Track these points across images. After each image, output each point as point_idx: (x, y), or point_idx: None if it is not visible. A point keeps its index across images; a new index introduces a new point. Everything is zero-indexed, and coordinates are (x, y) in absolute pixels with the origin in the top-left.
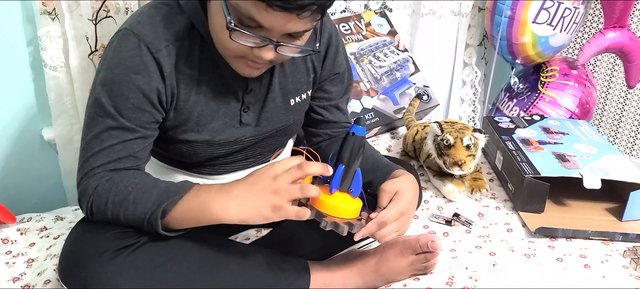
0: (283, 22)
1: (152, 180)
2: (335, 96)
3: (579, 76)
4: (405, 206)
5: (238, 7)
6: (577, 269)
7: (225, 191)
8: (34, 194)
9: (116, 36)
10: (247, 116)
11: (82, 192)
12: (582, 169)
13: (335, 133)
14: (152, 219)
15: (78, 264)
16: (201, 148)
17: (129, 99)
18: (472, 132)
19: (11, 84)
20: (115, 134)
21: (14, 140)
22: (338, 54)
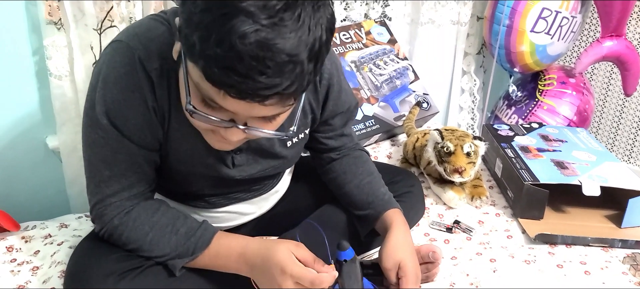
0: (246, 108)
1: (170, 219)
2: (340, 126)
3: (577, 84)
4: (414, 273)
5: (200, 87)
6: (577, 276)
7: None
8: (37, 201)
9: (110, 47)
10: (239, 157)
11: (98, 217)
12: (581, 176)
13: (338, 155)
14: (170, 265)
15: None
16: (194, 180)
17: (130, 119)
18: (472, 140)
19: (17, 92)
20: (122, 158)
21: (18, 148)
22: (341, 93)
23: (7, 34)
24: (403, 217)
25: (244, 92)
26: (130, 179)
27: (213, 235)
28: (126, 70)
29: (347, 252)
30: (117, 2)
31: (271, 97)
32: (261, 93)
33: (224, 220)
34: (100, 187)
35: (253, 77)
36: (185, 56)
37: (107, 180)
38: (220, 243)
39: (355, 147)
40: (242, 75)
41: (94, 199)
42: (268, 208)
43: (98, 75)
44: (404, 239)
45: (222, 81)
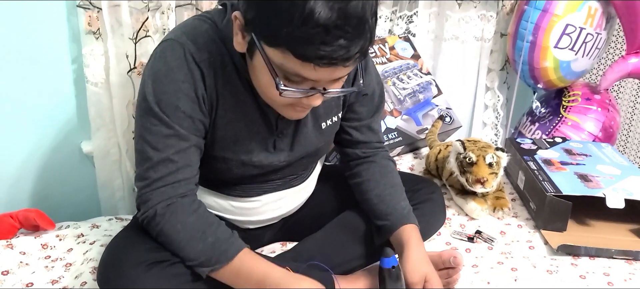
0: (330, 73)
1: (203, 224)
2: (366, 116)
3: (602, 101)
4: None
5: (284, 67)
6: (599, 286)
7: None
8: (71, 204)
9: (160, 46)
10: (280, 141)
11: (143, 202)
12: (605, 189)
13: (365, 153)
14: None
15: (116, 273)
16: (236, 167)
17: (180, 108)
18: (494, 151)
19: (56, 98)
20: (171, 143)
21: (56, 152)
22: (366, 75)
23: (49, 42)
24: (419, 234)
25: (333, 59)
26: (177, 164)
27: (238, 251)
28: (177, 63)
29: (390, 259)
30: (151, 14)
31: (354, 57)
32: (347, 55)
33: (255, 213)
34: (149, 172)
35: (340, 44)
36: (261, 44)
37: (155, 165)
38: (243, 261)
39: (383, 151)
40: (330, 44)
41: (141, 185)
42: (296, 206)
43: (150, 70)
44: (424, 254)
45: (314, 55)
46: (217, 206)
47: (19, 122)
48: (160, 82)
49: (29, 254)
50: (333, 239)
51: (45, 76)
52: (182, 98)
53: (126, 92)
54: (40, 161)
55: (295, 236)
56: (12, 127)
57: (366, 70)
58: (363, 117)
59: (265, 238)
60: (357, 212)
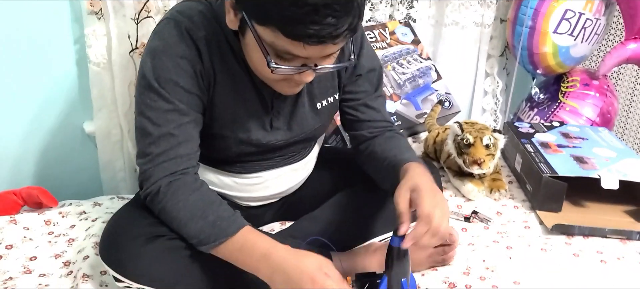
0: (320, 50)
1: (204, 203)
2: (363, 96)
3: (600, 86)
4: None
5: (275, 45)
6: (593, 265)
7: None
8: (74, 184)
9: (158, 26)
10: (277, 121)
11: (145, 179)
12: (600, 170)
13: (372, 133)
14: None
15: (117, 246)
16: (234, 145)
17: (179, 83)
18: (491, 133)
19: (58, 79)
20: (172, 118)
21: (58, 132)
22: (361, 56)
23: (51, 23)
24: (424, 167)
25: (322, 37)
26: (178, 139)
27: (239, 228)
28: (175, 40)
29: (399, 239)
30: None
31: (343, 34)
32: (335, 33)
33: (255, 189)
34: (150, 147)
35: (328, 22)
36: (251, 23)
37: (156, 140)
38: (246, 237)
39: (389, 127)
40: (319, 23)
41: (142, 161)
42: (295, 184)
43: (148, 48)
44: (422, 174)
45: (304, 34)
46: (219, 183)
47: (21, 102)
48: (159, 58)
49: (32, 229)
50: (331, 217)
51: (47, 56)
52: (180, 74)
53: (128, 73)
54: (42, 141)
55: (295, 216)
56: (14, 107)
57: (361, 51)
58: (360, 97)
59: (266, 218)
60: (355, 192)
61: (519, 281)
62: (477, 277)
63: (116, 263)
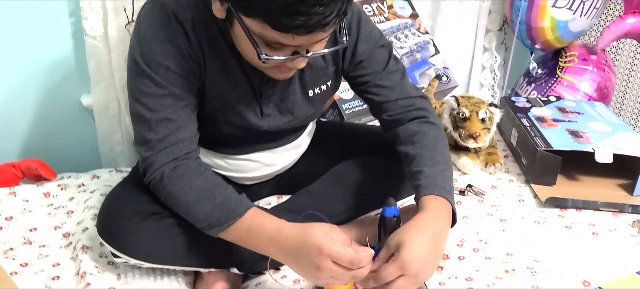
0: (309, 39)
1: (211, 186)
2: (371, 77)
3: (598, 61)
4: (405, 264)
5: (263, 36)
6: (585, 236)
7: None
8: (72, 157)
9: (143, 9)
10: (267, 107)
11: (148, 167)
12: (595, 144)
13: (392, 116)
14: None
15: (114, 223)
16: (225, 128)
17: (170, 68)
18: (487, 107)
19: (55, 52)
20: (167, 103)
21: (55, 105)
22: (358, 42)
23: None
24: (440, 203)
25: (311, 27)
26: (176, 123)
27: (247, 209)
28: (162, 24)
29: (392, 208)
30: None
31: (332, 21)
32: (324, 21)
33: (248, 169)
34: (148, 134)
35: (316, 12)
36: (238, 14)
37: (155, 126)
38: (255, 219)
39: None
40: (306, 14)
41: (143, 149)
42: (289, 163)
43: (136, 33)
44: (424, 223)
45: (291, 25)
46: (211, 163)
47: (18, 76)
48: (147, 43)
49: (31, 201)
50: (326, 191)
51: (43, 29)
52: (170, 58)
53: (124, 46)
54: (40, 114)
55: (292, 190)
56: (11, 80)
57: (358, 36)
58: (369, 80)
59: (263, 193)
60: (350, 166)
61: (511, 252)
62: (470, 249)
63: (114, 240)
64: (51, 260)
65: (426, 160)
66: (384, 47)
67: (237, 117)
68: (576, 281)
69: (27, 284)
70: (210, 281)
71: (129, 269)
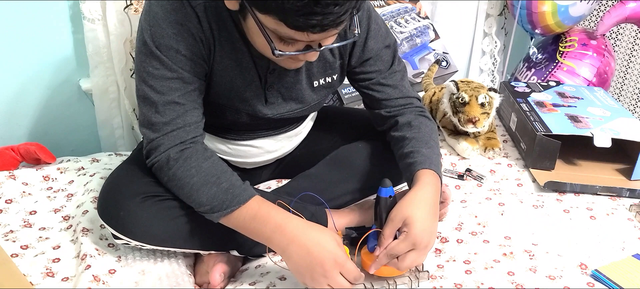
0: (323, 35)
1: (218, 171)
2: (376, 75)
3: (598, 46)
4: (417, 239)
5: (278, 32)
6: (582, 220)
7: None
8: (71, 141)
9: None
10: (271, 94)
11: (153, 149)
12: (594, 129)
13: (390, 113)
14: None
15: (115, 204)
16: (230, 114)
17: (181, 51)
18: (487, 91)
19: (53, 35)
20: (176, 86)
21: (54, 89)
22: (368, 39)
23: None
24: (435, 179)
25: (325, 25)
26: (184, 107)
27: (251, 196)
28: (173, 6)
29: (387, 189)
30: None
31: (346, 18)
32: (339, 20)
33: (250, 155)
34: (156, 117)
35: (331, 11)
36: (252, 9)
37: (162, 109)
38: (260, 206)
39: (411, 108)
40: (322, 14)
41: (149, 132)
42: (290, 149)
43: (146, 14)
44: (418, 197)
45: (306, 25)
46: (213, 148)
47: (16, 59)
48: (159, 26)
49: (31, 184)
50: (326, 175)
51: (41, 12)
52: (181, 41)
53: (123, 30)
54: (39, 98)
55: (292, 174)
56: (9, 64)
57: (368, 34)
58: (373, 77)
59: (263, 177)
60: (350, 149)
61: (509, 236)
62: (469, 232)
63: (115, 221)
64: (51, 242)
65: (423, 143)
66: (389, 47)
67: (242, 103)
68: (573, 264)
69: (28, 266)
70: (211, 263)
71: (129, 251)
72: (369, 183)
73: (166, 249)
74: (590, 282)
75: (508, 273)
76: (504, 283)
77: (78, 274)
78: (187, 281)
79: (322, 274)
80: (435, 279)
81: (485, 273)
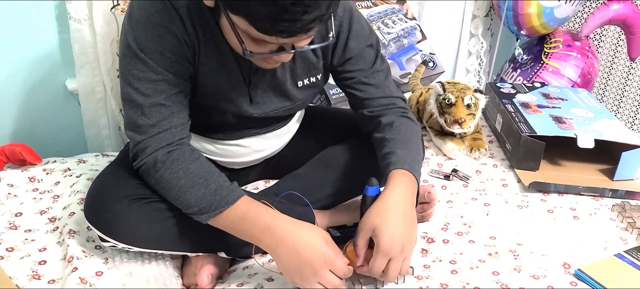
0: (293, 40)
1: (205, 172)
2: (358, 74)
3: (582, 47)
4: (387, 249)
5: (249, 32)
6: (566, 220)
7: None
8: (58, 141)
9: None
10: (256, 94)
11: (140, 151)
12: (577, 130)
13: (372, 113)
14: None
15: (102, 207)
16: (216, 114)
17: (165, 53)
18: (473, 93)
19: (39, 35)
20: (161, 88)
21: (40, 89)
22: (350, 39)
23: None
24: (408, 179)
25: (294, 32)
26: (170, 109)
27: (240, 197)
28: (157, 9)
29: (374, 188)
30: None
31: (315, 26)
32: (307, 27)
33: (238, 155)
34: (141, 119)
35: (299, 19)
36: (225, 10)
37: (147, 111)
38: (248, 207)
39: (391, 105)
40: (289, 20)
41: (134, 134)
42: (278, 148)
43: (129, 17)
44: (391, 201)
45: (275, 30)
46: (200, 148)
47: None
48: (143, 28)
49: (16, 186)
50: (313, 175)
51: (26, 12)
52: (165, 43)
53: (110, 30)
54: (25, 98)
55: (280, 174)
56: None
57: (349, 34)
58: (355, 76)
59: (250, 177)
60: (337, 150)
61: (495, 236)
62: (455, 232)
63: (102, 224)
64: (37, 244)
65: (400, 144)
66: (372, 47)
67: (227, 103)
68: (557, 264)
69: (14, 269)
70: (198, 265)
71: (116, 253)
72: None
73: (154, 252)
74: (573, 281)
75: (493, 272)
76: (489, 283)
77: (65, 276)
78: (175, 283)
79: (312, 274)
80: (421, 280)
81: (470, 272)
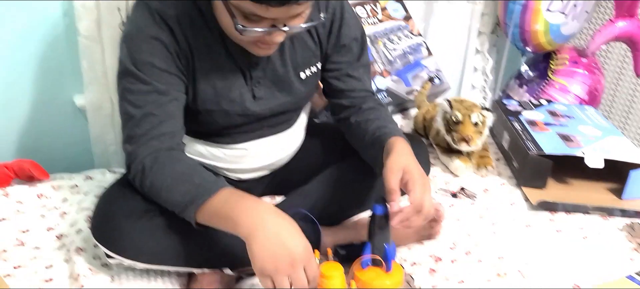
0: (285, 11)
1: (189, 168)
2: (345, 66)
3: (589, 64)
4: (420, 176)
5: (241, 7)
6: (575, 240)
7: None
8: (65, 158)
9: (132, 9)
10: (258, 90)
11: (131, 161)
12: (585, 148)
13: (351, 103)
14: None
15: (109, 224)
16: (220, 118)
17: (155, 64)
18: (480, 110)
19: (48, 51)
20: (151, 99)
21: (48, 105)
22: (343, 26)
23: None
24: (408, 146)
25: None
26: (159, 117)
27: (223, 187)
28: (146, 22)
29: (381, 207)
30: None
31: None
32: None
33: (245, 160)
34: (134, 130)
35: None
36: None
37: (139, 122)
38: (233, 193)
39: (372, 97)
40: None
41: (128, 145)
42: (285, 155)
43: (124, 35)
44: (408, 153)
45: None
46: (208, 155)
47: (11, 75)
48: (133, 42)
49: (25, 202)
50: (321, 192)
51: (37, 29)
52: (155, 54)
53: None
54: (33, 114)
55: (286, 190)
56: (3, 80)
57: (342, 21)
58: (342, 67)
59: (257, 192)
60: (344, 167)
61: (502, 256)
62: (463, 252)
63: (108, 241)
64: (44, 262)
65: (388, 121)
66: (358, 40)
67: (230, 104)
68: (566, 284)
69: (21, 286)
70: (204, 282)
71: (122, 271)
72: (364, 201)
73: (159, 268)
74: None
75: None
76: None
77: None
78: None
79: (290, 264)
80: None
81: None
